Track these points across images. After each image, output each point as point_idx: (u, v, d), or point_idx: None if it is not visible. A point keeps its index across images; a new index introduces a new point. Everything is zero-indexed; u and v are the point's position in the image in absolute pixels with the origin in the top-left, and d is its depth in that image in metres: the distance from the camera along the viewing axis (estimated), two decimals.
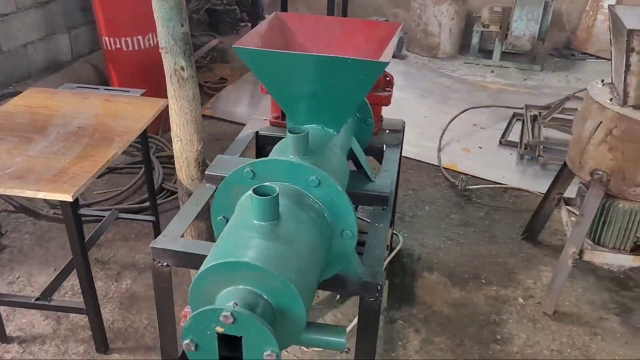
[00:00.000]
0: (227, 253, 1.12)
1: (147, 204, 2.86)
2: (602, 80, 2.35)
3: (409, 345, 2.23)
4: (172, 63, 1.86)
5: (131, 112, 2.16)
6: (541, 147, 3.56)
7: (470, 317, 2.38)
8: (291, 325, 1.13)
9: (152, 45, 3.49)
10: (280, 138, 2.31)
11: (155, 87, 3.62)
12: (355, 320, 2.20)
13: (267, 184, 1.24)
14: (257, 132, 2.35)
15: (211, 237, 2.13)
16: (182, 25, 1.83)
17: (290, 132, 1.49)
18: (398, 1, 5.84)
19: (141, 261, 2.63)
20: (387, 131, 2.29)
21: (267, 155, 2.58)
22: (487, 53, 5.31)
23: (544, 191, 2.76)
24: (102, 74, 3.92)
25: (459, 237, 2.88)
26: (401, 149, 2.25)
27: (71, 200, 1.64)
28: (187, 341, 1.06)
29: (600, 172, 2.21)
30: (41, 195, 1.64)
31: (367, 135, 2.02)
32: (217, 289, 1.13)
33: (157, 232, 2.63)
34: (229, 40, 5.60)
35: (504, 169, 3.51)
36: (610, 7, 2.25)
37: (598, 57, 5.36)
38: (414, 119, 3.76)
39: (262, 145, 2.39)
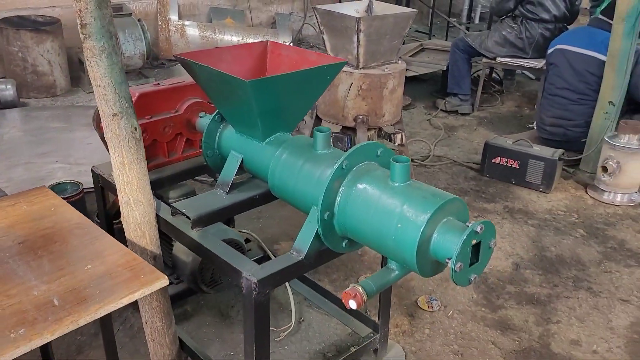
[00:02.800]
0: (430, 202, 1.53)
1: None
2: None
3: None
4: (129, 126, 1.76)
5: (41, 208, 1.81)
6: None
7: None
8: None
9: None
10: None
11: None
12: None
13: (398, 157, 1.65)
14: None
15: None
16: (128, 85, 1.75)
17: (318, 132, 1.84)
18: None
19: None
20: None
21: None
22: None
23: None
24: None
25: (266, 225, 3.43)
26: None
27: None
28: (459, 264, 1.47)
29: (361, 116, 3.20)
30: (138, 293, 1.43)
31: None
32: (431, 230, 1.54)
33: None
34: None
35: None
36: (316, 8, 3.18)
37: None
38: None
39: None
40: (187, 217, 1.93)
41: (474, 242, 1.51)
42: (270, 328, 2.37)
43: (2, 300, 1.38)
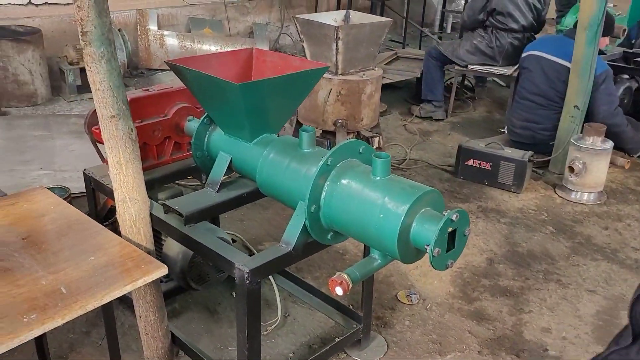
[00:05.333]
0: (409, 194, 1.66)
1: None
2: None
3: None
4: (126, 128, 1.86)
5: (41, 206, 1.89)
6: None
7: None
8: None
9: None
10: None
11: None
12: None
13: (379, 152, 1.78)
14: None
15: None
16: (125, 88, 1.86)
17: (304, 131, 1.97)
18: None
19: None
20: None
21: None
22: (83, 88, 5.49)
23: None
24: None
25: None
26: None
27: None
28: (437, 250, 1.60)
29: (340, 120, 3.34)
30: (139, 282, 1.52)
31: None
32: (410, 220, 1.67)
33: None
34: None
35: None
36: (296, 17, 3.32)
37: (162, 70, 6.37)
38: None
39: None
40: (180, 214, 2.03)
41: (450, 229, 1.65)
42: None
43: (11, 289, 1.47)
